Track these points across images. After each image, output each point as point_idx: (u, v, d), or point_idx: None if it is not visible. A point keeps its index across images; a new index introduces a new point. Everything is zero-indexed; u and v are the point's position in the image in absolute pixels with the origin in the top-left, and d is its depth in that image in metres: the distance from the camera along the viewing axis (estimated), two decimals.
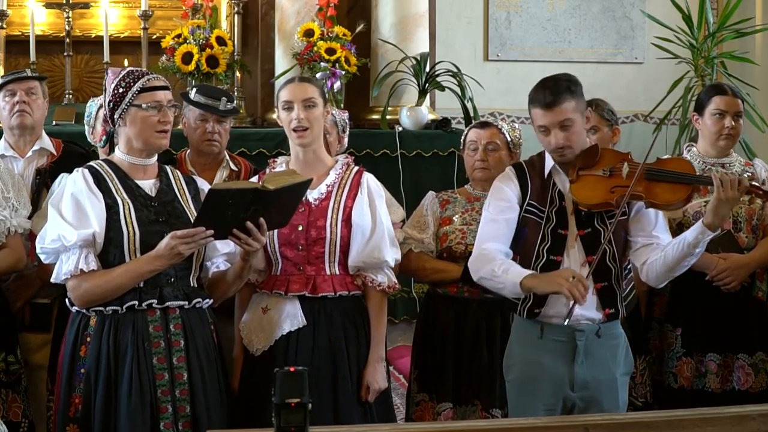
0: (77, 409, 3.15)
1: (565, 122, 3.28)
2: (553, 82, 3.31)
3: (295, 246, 3.40)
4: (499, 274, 3.25)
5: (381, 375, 3.46)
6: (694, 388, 4.00)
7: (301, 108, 3.39)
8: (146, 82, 3.20)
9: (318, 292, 3.40)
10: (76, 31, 6.44)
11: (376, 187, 3.53)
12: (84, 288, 3.12)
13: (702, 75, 6.93)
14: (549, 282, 3.16)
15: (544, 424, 2.85)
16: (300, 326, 3.40)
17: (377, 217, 3.45)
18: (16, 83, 4.01)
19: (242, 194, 3.07)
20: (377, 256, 3.43)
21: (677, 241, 3.25)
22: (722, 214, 3.21)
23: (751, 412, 2.77)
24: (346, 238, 3.42)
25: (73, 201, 3.15)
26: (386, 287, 3.48)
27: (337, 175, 3.48)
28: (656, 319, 4.13)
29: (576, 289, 3.07)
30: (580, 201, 3.29)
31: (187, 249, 3.09)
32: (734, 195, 3.18)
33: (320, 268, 3.42)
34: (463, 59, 6.95)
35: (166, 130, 3.22)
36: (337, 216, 3.42)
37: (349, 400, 3.40)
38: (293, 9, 6.33)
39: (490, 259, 3.29)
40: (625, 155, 3.35)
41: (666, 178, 3.26)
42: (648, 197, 3.25)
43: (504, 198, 3.39)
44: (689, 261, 3.27)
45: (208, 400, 3.20)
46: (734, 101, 4.02)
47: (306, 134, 3.41)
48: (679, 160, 3.46)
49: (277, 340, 3.41)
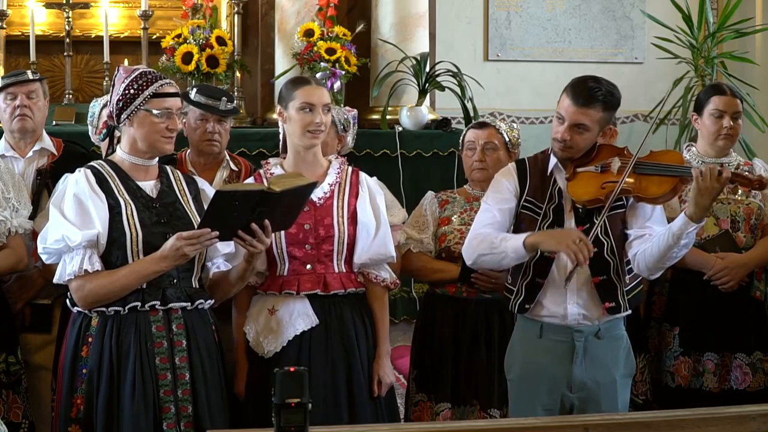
0: (79, 410, 3.15)
1: (582, 125, 3.29)
2: (596, 85, 3.30)
3: (303, 245, 3.42)
4: (498, 244, 3.28)
5: (390, 369, 3.52)
6: (692, 387, 4.01)
7: (321, 112, 3.43)
8: (159, 88, 3.20)
9: (329, 290, 3.43)
10: (76, 31, 6.44)
11: (375, 186, 3.59)
12: (88, 289, 3.12)
13: (702, 75, 6.93)
14: (556, 240, 3.18)
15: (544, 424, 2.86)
16: (313, 325, 3.42)
17: (380, 215, 3.52)
18: (17, 86, 4.00)
19: (249, 196, 3.07)
20: (383, 252, 3.50)
21: (663, 232, 3.25)
22: (703, 204, 3.18)
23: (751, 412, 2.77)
24: (352, 235, 3.46)
25: (75, 201, 3.15)
26: (389, 283, 3.54)
27: (337, 174, 3.52)
28: (655, 319, 4.14)
29: (580, 251, 3.09)
30: (575, 198, 3.32)
31: (192, 250, 3.10)
32: (713, 185, 3.16)
33: (329, 266, 3.45)
34: (463, 59, 6.95)
35: (172, 136, 3.23)
36: (342, 214, 3.46)
37: (363, 397, 3.45)
38: (293, 9, 6.33)
39: (485, 237, 3.32)
40: (621, 150, 3.37)
41: (653, 171, 3.28)
42: (636, 191, 3.27)
43: (501, 190, 3.42)
44: (677, 252, 3.26)
45: (211, 400, 3.20)
46: (733, 101, 4.02)
47: (321, 137, 3.47)
48: (669, 152, 3.48)
49: (291, 340, 3.41)
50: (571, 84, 3.33)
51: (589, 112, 3.27)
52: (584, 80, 3.33)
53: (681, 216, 3.22)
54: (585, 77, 3.35)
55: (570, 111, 3.28)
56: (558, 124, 3.33)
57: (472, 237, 3.39)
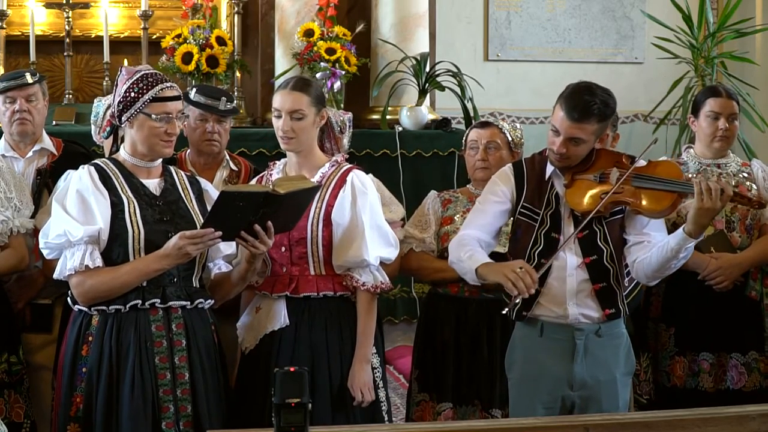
0: (78, 408, 3.15)
1: (577, 139, 3.25)
2: (590, 98, 3.21)
3: (279, 247, 3.40)
4: (464, 260, 3.26)
5: (366, 375, 3.41)
6: (688, 387, 4.01)
7: (287, 119, 3.39)
8: (159, 92, 3.19)
9: (300, 292, 3.40)
10: (76, 31, 6.45)
11: (361, 185, 3.46)
12: (88, 285, 3.12)
13: (702, 75, 6.94)
14: (497, 271, 3.14)
15: (544, 424, 2.86)
16: (283, 326, 3.40)
17: (358, 215, 3.40)
18: (16, 90, 3.99)
19: (253, 197, 3.07)
20: (357, 255, 3.37)
21: (662, 245, 3.23)
22: (702, 223, 3.15)
23: (751, 412, 2.77)
24: (327, 237, 3.40)
25: (78, 197, 3.15)
26: (371, 287, 3.42)
27: (323, 175, 3.46)
28: (652, 319, 4.14)
29: (521, 280, 3.05)
30: (574, 207, 3.30)
31: (195, 249, 3.10)
32: (715, 205, 3.11)
33: (304, 268, 3.41)
34: (463, 59, 6.96)
35: (172, 140, 3.23)
36: (318, 216, 3.40)
37: (324, 403, 3.36)
38: (293, 9, 6.34)
39: (463, 244, 3.31)
40: (619, 157, 3.35)
41: (653, 186, 3.24)
42: (634, 205, 3.25)
43: (496, 192, 3.41)
44: (675, 264, 3.25)
45: (210, 399, 3.20)
46: (728, 103, 4.03)
47: (291, 143, 3.42)
48: (668, 164, 3.39)
49: (262, 339, 3.42)
50: (564, 96, 3.25)
51: (585, 126, 3.22)
52: (578, 92, 3.24)
53: (679, 232, 3.19)
54: (579, 88, 3.26)
55: (564, 125, 3.23)
56: (553, 136, 3.29)
57: (457, 237, 3.38)
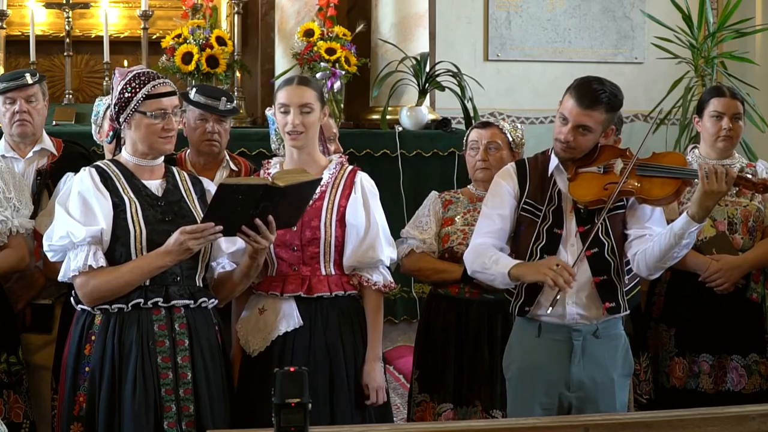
0: (81, 408, 3.15)
1: (585, 126, 3.29)
2: (600, 87, 3.29)
3: (290, 247, 3.40)
4: (489, 266, 3.28)
5: (379, 374, 3.45)
6: (687, 388, 4.01)
7: (297, 113, 3.39)
8: (152, 89, 3.19)
9: (313, 293, 3.40)
10: (76, 31, 6.44)
11: (371, 187, 3.51)
12: (92, 285, 3.12)
13: (702, 75, 6.93)
14: (534, 270, 3.18)
15: (544, 424, 2.86)
16: (296, 327, 3.39)
17: (371, 216, 3.45)
18: (16, 91, 3.98)
19: (252, 190, 3.06)
20: (372, 255, 3.42)
21: (665, 231, 3.26)
22: (707, 205, 3.19)
23: (751, 412, 2.77)
24: (340, 238, 3.42)
25: (80, 199, 3.16)
26: (381, 286, 3.47)
27: (331, 174, 3.47)
28: (654, 319, 4.14)
29: (561, 276, 3.09)
30: (577, 198, 3.32)
31: (196, 244, 3.09)
32: (720, 187, 3.17)
33: (315, 268, 3.41)
34: (463, 59, 6.96)
35: (171, 135, 3.23)
36: (331, 216, 3.41)
37: (345, 401, 3.40)
38: (293, 9, 6.33)
39: (482, 252, 3.32)
40: (623, 151, 3.38)
41: (656, 173, 3.28)
42: (639, 193, 3.28)
43: (500, 193, 3.42)
44: (678, 252, 3.26)
45: (212, 399, 3.20)
46: (732, 103, 4.03)
47: (300, 138, 3.41)
48: (673, 154, 3.47)
49: (274, 341, 3.40)
50: (574, 85, 3.32)
51: (593, 113, 3.28)
52: (588, 81, 3.32)
53: (683, 216, 3.22)
54: (588, 78, 3.34)
55: (574, 112, 3.28)
56: (561, 125, 3.33)
57: (472, 248, 3.39)
